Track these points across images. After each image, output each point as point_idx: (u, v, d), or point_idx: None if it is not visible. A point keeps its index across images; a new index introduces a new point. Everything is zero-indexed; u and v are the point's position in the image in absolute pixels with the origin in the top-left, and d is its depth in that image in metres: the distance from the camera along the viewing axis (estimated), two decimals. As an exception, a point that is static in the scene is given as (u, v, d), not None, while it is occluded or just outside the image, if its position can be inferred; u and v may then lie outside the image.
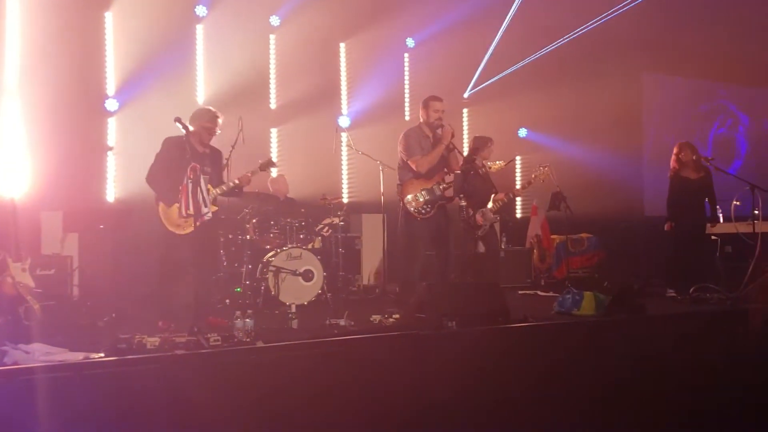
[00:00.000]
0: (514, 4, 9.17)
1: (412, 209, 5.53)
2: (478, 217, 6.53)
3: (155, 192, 5.12)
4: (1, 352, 3.49)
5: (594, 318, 5.00)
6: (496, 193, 6.75)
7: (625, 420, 4.15)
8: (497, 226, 9.20)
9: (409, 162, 5.61)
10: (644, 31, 10.22)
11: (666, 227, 6.96)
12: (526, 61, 9.71)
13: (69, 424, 3.03)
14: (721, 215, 7.21)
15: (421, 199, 5.54)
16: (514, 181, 10.56)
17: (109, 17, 7.69)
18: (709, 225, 6.92)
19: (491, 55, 9.76)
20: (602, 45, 10.03)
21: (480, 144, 6.68)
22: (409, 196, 5.55)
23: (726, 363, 4.60)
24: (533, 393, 4.00)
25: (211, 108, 5.37)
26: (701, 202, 6.95)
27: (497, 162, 5.79)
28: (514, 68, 9.75)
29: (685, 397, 4.36)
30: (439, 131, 5.65)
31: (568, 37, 9.47)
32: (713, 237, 6.95)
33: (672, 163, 7.02)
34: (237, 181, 5.39)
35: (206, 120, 5.22)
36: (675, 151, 7.02)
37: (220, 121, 5.29)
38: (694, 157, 6.88)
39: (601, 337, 4.68)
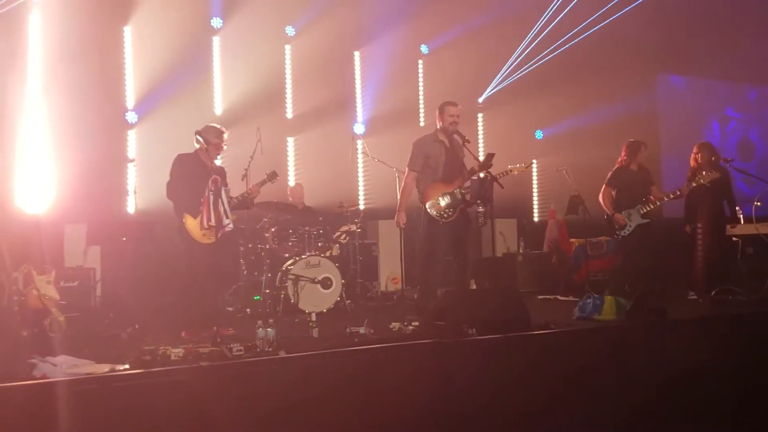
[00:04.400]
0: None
1: (434, 214, 5.56)
2: (620, 216, 6.52)
3: (179, 205, 5.21)
4: (30, 365, 3.56)
5: (615, 323, 4.97)
6: (650, 194, 6.66)
7: (651, 425, 4.13)
8: (513, 230, 9.27)
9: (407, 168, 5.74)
10: (659, 32, 10.18)
11: (686, 229, 6.91)
12: (541, 62, 9.71)
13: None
14: (741, 216, 7.13)
15: (443, 203, 5.57)
16: (532, 184, 10.56)
17: (128, 32, 7.82)
18: (729, 226, 6.85)
19: (505, 58, 9.77)
20: (617, 47, 9.99)
21: (634, 148, 6.76)
22: (431, 201, 5.59)
23: (749, 366, 4.55)
24: (556, 400, 3.99)
25: (216, 125, 5.49)
26: (720, 204, 6.89)
27: (517, 165, 5.77)
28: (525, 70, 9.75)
29: (709, 400, 4.32)
30: (455, 137, 5.68)
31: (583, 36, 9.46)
32: (734, 239, 6.88)
33: (691, 162, 6.98)
34: (247, 195, 5.50)
35: (214, 136, 5.33)
36: (694, 151, 6.98)
37: (225, 136, 5.43)
38: (712, 158, 6.83)
39: (623, 343, 4.65)
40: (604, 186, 6.79)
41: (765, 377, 4.52)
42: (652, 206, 6.57)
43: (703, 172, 6.50)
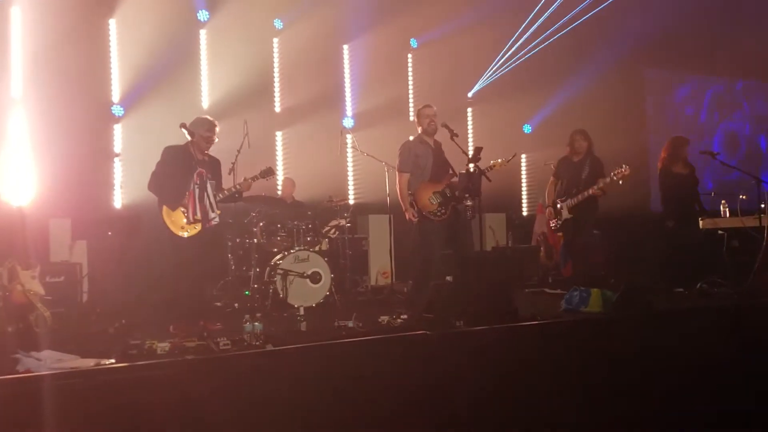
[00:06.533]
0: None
1: (428, 214, 5.60)
2: (549, 209, 6.56)
3: (158, 197, 5.22)
4: (13, 360, 3.53)
5: (602, 315, 5.00)
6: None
7: (635, 417, 4.15)
8: (503, 224, 9.31)
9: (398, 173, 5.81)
10: (646, 26, 10.21)
11: (670, 225, 6.95)
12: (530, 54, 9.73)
13: (81, 430, 3.06)
14: (727, 210, 7.18)
15: (436, 202, 5.64)
16: (521, 180, 10.59)
17: (113, 24, 7.75)
18: (700, 219, 6.88)
19: (494, 52, 9.78)
20: (605, 41, 10.02)
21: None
22: (424, 201, 5.64)
23: (734, 358, 4.59)
24: (542, 391, 4.01)
25: (208, 117, 5.47)
26: (693, 197, 6.95)
27: (499, 159, 5.80)
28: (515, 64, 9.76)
29: (694, 392, 4.35)
30: (444, 129, 5.72)
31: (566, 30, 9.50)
32: (720, 231, 6.92)
33: (662, 153, 7.02)
34: (238, 187, 5.47)
35: (205, 129, 5.30)
36: (666, 145, 7.04)
37: (217, 129, 5.39)
38: (684, 152, 6.89)
39: (609, 335, 4.69)
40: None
41: (750, 369, 4.56)
42: (576, 200, 6.41)
43: (612, 173, 6.29)
